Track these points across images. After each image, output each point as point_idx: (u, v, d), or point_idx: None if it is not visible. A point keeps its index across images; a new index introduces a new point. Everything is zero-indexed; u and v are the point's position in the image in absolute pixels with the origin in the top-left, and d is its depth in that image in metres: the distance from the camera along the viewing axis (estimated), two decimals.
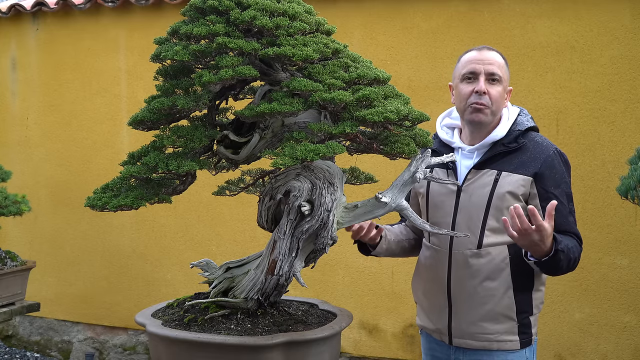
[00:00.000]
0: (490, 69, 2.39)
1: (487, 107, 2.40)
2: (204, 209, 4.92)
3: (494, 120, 2.44)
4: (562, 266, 2.29)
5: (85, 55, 5.25)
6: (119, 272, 5.24)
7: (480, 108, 2.39)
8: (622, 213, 3.88)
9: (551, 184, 2.37)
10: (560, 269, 2.30)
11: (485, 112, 2.40)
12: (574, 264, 2.34)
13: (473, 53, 2.45)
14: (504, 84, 2.42)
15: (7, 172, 4.40)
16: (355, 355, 4.57)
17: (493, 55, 2.43)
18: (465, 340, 2.43)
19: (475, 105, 2.39)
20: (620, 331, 3.93)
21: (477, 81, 2.39)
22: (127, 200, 2.00)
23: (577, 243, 2.37)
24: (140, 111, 2.09)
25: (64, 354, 5.51)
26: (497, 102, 2.41)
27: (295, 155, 1.87)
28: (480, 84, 2.39)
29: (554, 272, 2.34)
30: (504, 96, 2.45)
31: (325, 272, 4.56)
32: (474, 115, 2.41)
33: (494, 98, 2.40)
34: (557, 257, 2.23)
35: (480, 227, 2.39)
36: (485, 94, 2.39)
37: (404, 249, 2.63)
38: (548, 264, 2.25)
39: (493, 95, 2.40)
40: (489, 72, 2.39)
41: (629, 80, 3.87)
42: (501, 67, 2.42)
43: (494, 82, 2.40)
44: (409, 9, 4.33)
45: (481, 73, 2.39)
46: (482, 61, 2.41)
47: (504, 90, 2.44)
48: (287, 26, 1.98)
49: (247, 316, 2.16)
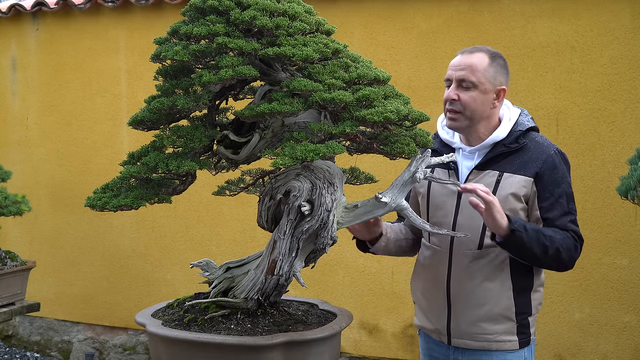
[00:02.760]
0: (460, 75, 2.38)
1: (460, 112, 2.39)
2: (204, 209, 4.92)
3: (474, 123, 2.42)
4: (536, 252, 2.27)
5: (85, 55, 5.25)
6: (119, 272, 5.24)
7: (451, 116, 2.41)
8: (622, 213, 3.88)
9: (551, 183, 2.37)
10: (534, 255, 2.29)
11: (457, 119, 2.40)
12: (565, 257, 2.32)
13: (456, 58, 2.44)
14: (481, 87, 2.37)
15: (7, 172, 4.40)
16: (355, 355, 4.57)
17: (472, 59, 2.39)
18: (464, 341, 2.43)
19: (447, 112, 2.42)
20: (620, 331, 3.93)
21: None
22: (127, 200, 2.00)
23: (571, 238, 2.34)
24: (140, 111, 2.09)
25: (64, 354, 5.52)
26: (471, 106, 2.38)
27: (295, 155, 1.87)
28: (448, 91, 2.40)
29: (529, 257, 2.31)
30: (483, 99, 2.39)
31: (325, 272, 4.56)
32: (448, 122, 2.44)
33: (466, 103, 2.38)
34: (518, 238, 2.23)
35: (481, 227, 2.39)
36: (456, 100, 2.38)
37: (402, 248, 2.62)
38: (510, 244, 2.25)
39: (465, 101, 2.37)
40: (459, 78, 2.38)
41: (629, 80, 3.87)
42: (477, 71, 2.37)
43: (466, 88, 2.38)
44: (409, 9, 4.33)
45: (453, 79, 2.40)
46: (456, 67, 2.40)
47: (483, 93, 2.38)
48: (287, 26, 1.98)
49: (247, 316, 2.16)
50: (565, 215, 2.37)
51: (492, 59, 2.40)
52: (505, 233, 2.23)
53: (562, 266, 2.37)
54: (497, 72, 2.41)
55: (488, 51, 2.42)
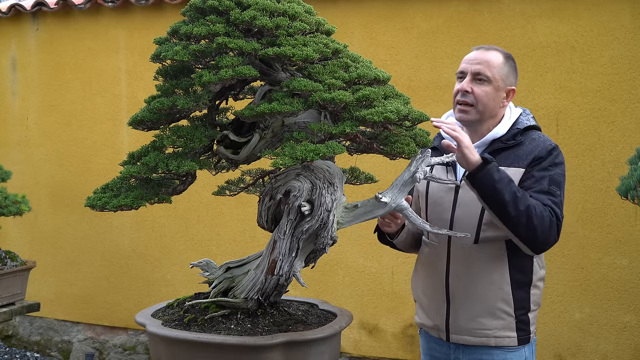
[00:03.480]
0: (476, 68, 2.41)
1: (472, 105, 2.41)
2: (204, 209, 4.92)
3: (483, 118, 2.44)
4: (505, 198, 2.20)
5: (85, 55, 5.25)
6: (119, 272, 5.24)
7: (463, 108, 2.42)
8: (622, 213, 3.88)
9: (537, 168, 2.36)
10: (503, 202, 2.21)
11: (469, 111, 2.42)
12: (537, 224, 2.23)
13: (471, 53, 2.48)
14: (494, 83, 2.41)
15: (7, 172, 4.40)
16: (355, 355, 4.57)
17: (488, 55, 2.43)
18: (463, 337, 2.44)
19: (458, 103, 2.43)
20: (620, 331, 3.93)
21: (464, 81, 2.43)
22: (127, 200, 2.00)
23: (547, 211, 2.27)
24: (140, 111, 2.09)
25: (64, 354, 5.51)
26: (483, 100, 2.41)
27: (295, 155, 1.87)
28: (462, 83, 2.42)
29: (497, 203, 2.23)
30: (495, 96, 2.42)
31: (325, 272, 4.56)
32: (458, 114, 2.45)
33: (479, 97, 2.40)
34: (488, 173, 2.20)
35: (478, 221, 2.40)
36: (469, 92, 2.41)
37: (418, 242, 2.63)
38: (479, 179, 2.21)
39: (478, 94, 2.40)
40: (474, 71, 2.41)
41: (629, 80, 3.87)
42: (493, 67, 2.41)
43: (480, 82, 2.41)
44: (409, 9, 4.33)
45: (468, 72, 2.42)
46: (472, 61, 2.43)
47: (495, 90, 2.42)
48: (287, 26, 1.98)
49: (247, 316, 2.16)
50: (544, 193, 2.32)
51: (506, 59, 2.46)
52: (475, 167, 2.22)
53: (533, 235, 2.26)
54: (509, 72, 2.46)
55: (502, 51, 2.48)
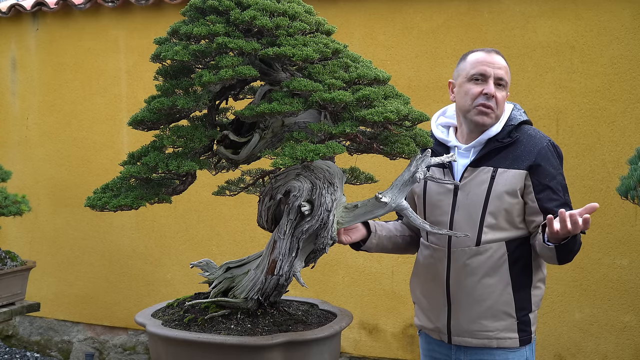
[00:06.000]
0: (499, 73, 2.43)
1: (493, 110, 2.43)
2: (204, 209, 4.92)
3: (494, 124, 2.47)
4: (576, 249, 2.32)
5: (85, 55, 5.25)
6: (119, 272, 5.24)
7: (487, 111, 2.43)
8: (622, 213, 3.88)
9: (546, 175, 2.39)
10: (574, 252, 2.33)
11: (491, 115, 2.44)
12: (579, 248, 2.36)
13: (481, 55, 2.46)
14: (507, 89, 2.48)
15: (7, 172, 4.40)
16: (355, 355, 4.57)
17: (501, 60, 2.47)
18: (465, 339, 2.43)
19: (482, 107, 2.42)
20: (620, 331, 3.93)
21: (487, 84, 2.42)
22: (127, 200, 2.00)
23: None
24: (140, 111, 2.09)
25: (64, 354, 5.52)
26: (502, 106, 2.47)
27: (295, 155, 1.87)
28: (491, 87, 2.42)
29: (570, 255, 2.33)
30: (505, 101, 2.49)
31: (325, 272, 4.56)
32: (479, 117, 2.44)
33: (500, 102, 2.45)
34: (575, 239, 2.25)
35: (479, 224, 2.40)
36: (494, 97, 2.43)
37: (397, 244, 2.63)
38: (567, 246, 2.25)
39: (499, 100, 2.44)
40: (498, 76, 2.43)
41: (629, 80, 3.87)
42: (508, 72, 2.47)
43: (500, 87, 2.44)
44: (409, 9, 4.33)
45: (491, 76, 2.43)
46: (492, 64, 2.44)
47: (506, 95, 2.49)
48: (287, 26, 1.98)
49: (247, 316, 2.16)
50: (563, 206, 2.36)
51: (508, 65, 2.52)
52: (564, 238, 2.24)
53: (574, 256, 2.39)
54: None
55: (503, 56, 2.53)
